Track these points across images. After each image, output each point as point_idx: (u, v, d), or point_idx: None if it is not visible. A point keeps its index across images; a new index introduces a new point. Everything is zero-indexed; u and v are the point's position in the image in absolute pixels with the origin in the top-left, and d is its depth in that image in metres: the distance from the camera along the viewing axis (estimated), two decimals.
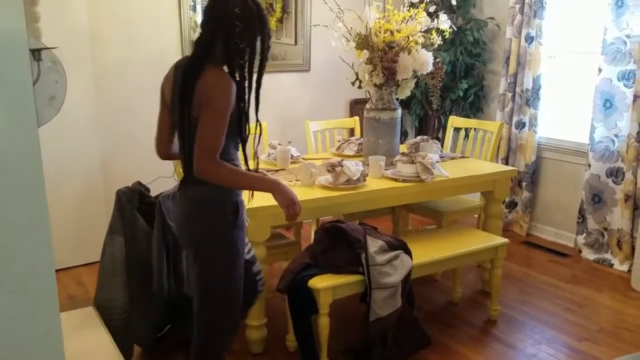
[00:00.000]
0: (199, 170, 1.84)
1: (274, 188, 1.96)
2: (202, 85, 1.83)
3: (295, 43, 4.55)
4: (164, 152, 2.13)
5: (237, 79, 1.88)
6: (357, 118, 4.07)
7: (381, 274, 2.49)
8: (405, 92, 3.15)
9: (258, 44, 1.91)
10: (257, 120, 1.99)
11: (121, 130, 3.91)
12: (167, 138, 2.10)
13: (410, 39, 2.95)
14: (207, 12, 1.92)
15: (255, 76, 1.93)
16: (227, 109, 1.84)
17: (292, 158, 3.25)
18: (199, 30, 1.93)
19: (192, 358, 2.08)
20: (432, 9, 3.06)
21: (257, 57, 1.92)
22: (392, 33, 2.95)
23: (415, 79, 3.14)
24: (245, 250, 2.10)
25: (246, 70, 1.90)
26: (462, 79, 4.62)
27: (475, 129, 3.93)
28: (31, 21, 2.45)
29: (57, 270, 3.59)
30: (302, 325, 2.56)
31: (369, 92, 3.20)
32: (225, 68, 1.90)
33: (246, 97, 1.93)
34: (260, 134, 2.01)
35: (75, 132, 3.64)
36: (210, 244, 1.98)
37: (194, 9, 4.04)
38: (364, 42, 2.98)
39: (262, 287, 2.39)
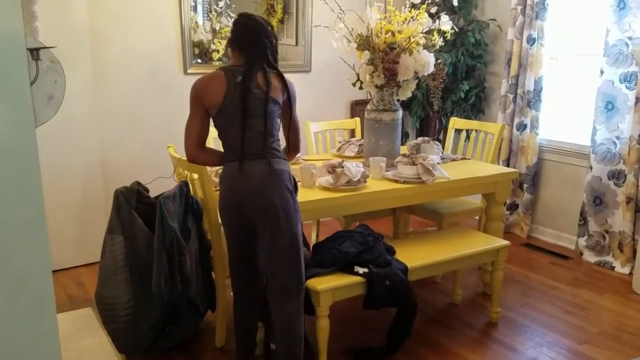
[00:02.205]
0: (299, 149, 2.45)
1: None
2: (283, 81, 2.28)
3: (296, 44, 4.54)
4: (195, 155, 2.29)
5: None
6: (357, 119, 4.05)
7: None
8: (406, 94, 3.13)
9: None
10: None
11: (121, 130, 3.90)
12: (200, 141, 2.27)
13: (412, 40, 2.93)
14: (259, 32, 2.23)
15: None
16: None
17: None
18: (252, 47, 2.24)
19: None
20: (433, 10, 3.05)
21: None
22: (393, 34, 2.94)
23: (417, 80, 3.13)
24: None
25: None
26: (463, 81, 4.61)
27: (476, 131, 3.92)
28: (29, 20, 2.45)
29: (56, 271, 3.61)
30: None
31: (369, 93, 3.19)
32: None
33: None
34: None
35: (75, 132, 3.63)
36: (289, 209, 2.22)
37: (195, 9, 4.03)
38: (365, 43, 2.97)
39: None
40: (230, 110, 2.15)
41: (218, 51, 4.14)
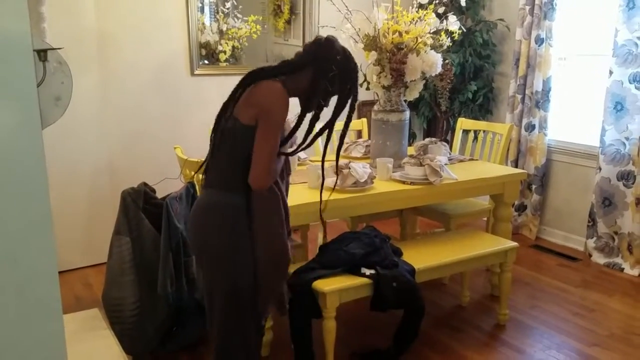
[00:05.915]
0: (258, 184, 1.86)
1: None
2: (257, 92, 1.84)
3: (303, 44, 4.53)
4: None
5: (306, 111, 1.97)
6: (364, 120, 4.04)
7: None
8: (413, 94, 3.12)
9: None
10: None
11: (128, 131, 3.91)
12: None
13: (419, 40, 2.92)
14: (312, 46, 1.96)
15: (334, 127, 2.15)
16: (282, 124, 1.87)
17: (299, 160, 3.24)
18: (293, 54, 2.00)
19: None
20: (441, 10, 3.04)
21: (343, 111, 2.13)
22: (400, 34, 2.93)
23: (424, 81, 3.12)
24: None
25: (318, 112, 2.00)
26: (471, 81, 4.59)
27: (484, 131, 3.90)
28: (37, 21, 2.46)
29: (64, 272, 3.62)
30: (301, 328, 2.54)
31: (377, 93, 3.18)
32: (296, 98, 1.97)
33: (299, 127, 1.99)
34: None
35: (83, 133, 3.64)
36: (209, 250, 1.95)
37: (202, 10, 4.04)
38: (372, 43, 2.96)
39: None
40: None
41: (225, 52, 4.14)
